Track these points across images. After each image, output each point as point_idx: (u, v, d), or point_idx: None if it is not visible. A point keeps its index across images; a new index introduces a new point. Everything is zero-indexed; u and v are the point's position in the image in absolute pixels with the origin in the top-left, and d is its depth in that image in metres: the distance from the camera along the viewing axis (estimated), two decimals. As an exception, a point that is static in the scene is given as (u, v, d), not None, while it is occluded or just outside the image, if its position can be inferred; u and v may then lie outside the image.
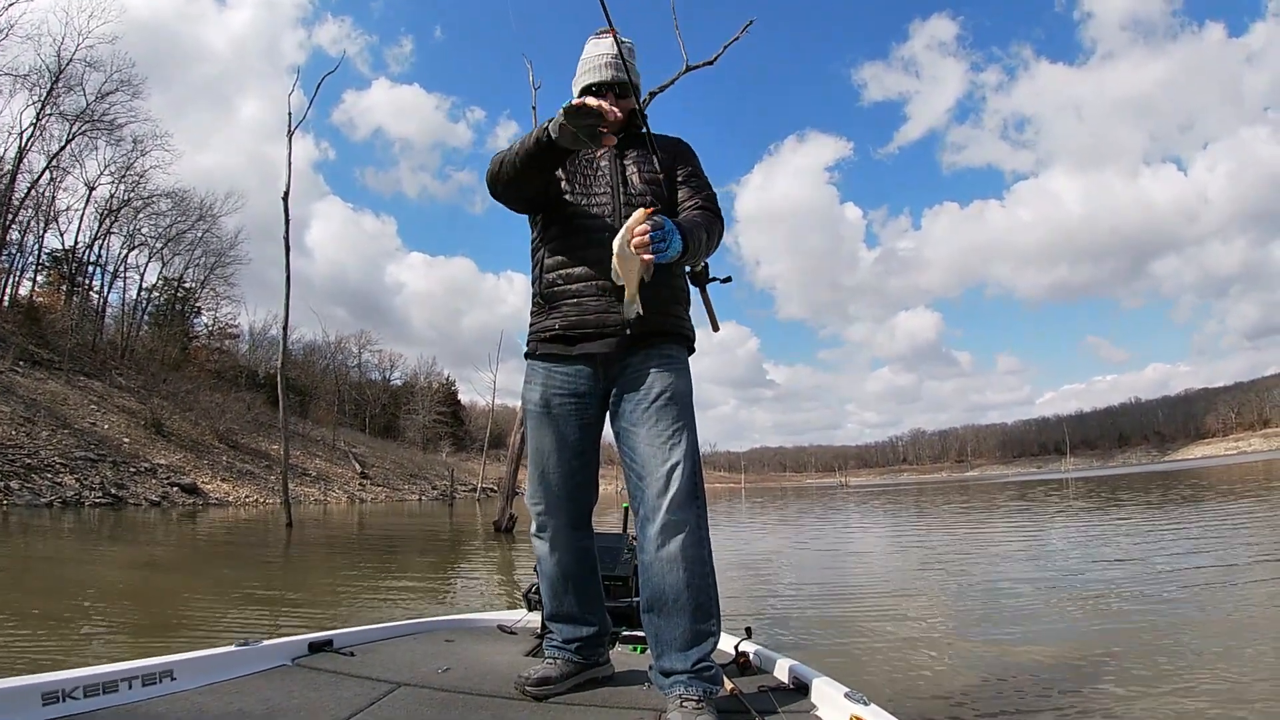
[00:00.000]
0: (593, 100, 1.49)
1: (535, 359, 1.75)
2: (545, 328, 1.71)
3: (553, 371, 1.71)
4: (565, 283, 1.69)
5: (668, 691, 1.52)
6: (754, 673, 1.84)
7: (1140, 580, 5.60)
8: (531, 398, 1.74)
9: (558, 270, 1.70)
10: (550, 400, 1.70)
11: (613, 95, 1.76)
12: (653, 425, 1.61)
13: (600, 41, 1.79)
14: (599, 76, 1.77)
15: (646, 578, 1.58)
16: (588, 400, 1.70)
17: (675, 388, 1.65)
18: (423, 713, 1.44)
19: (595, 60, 1.78)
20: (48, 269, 33.95)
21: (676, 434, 1.60)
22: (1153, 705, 2.72)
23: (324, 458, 36.80)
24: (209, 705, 1.41)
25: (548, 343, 1.71)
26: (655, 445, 1.59)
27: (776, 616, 4.94)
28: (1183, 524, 10.15)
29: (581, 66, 1.81)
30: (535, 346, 1.75)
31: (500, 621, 2.44)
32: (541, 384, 1.72)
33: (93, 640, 4.00)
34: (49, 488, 16.74)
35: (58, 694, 1.30)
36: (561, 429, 1.70)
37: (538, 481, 1.73)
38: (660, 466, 1.58)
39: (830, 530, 13.93)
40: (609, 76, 1.76)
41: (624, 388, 1.66)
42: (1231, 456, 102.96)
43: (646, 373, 1.65)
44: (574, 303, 1.67)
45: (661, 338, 1.69)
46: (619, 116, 1.65)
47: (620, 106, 1.76)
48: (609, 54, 1.76)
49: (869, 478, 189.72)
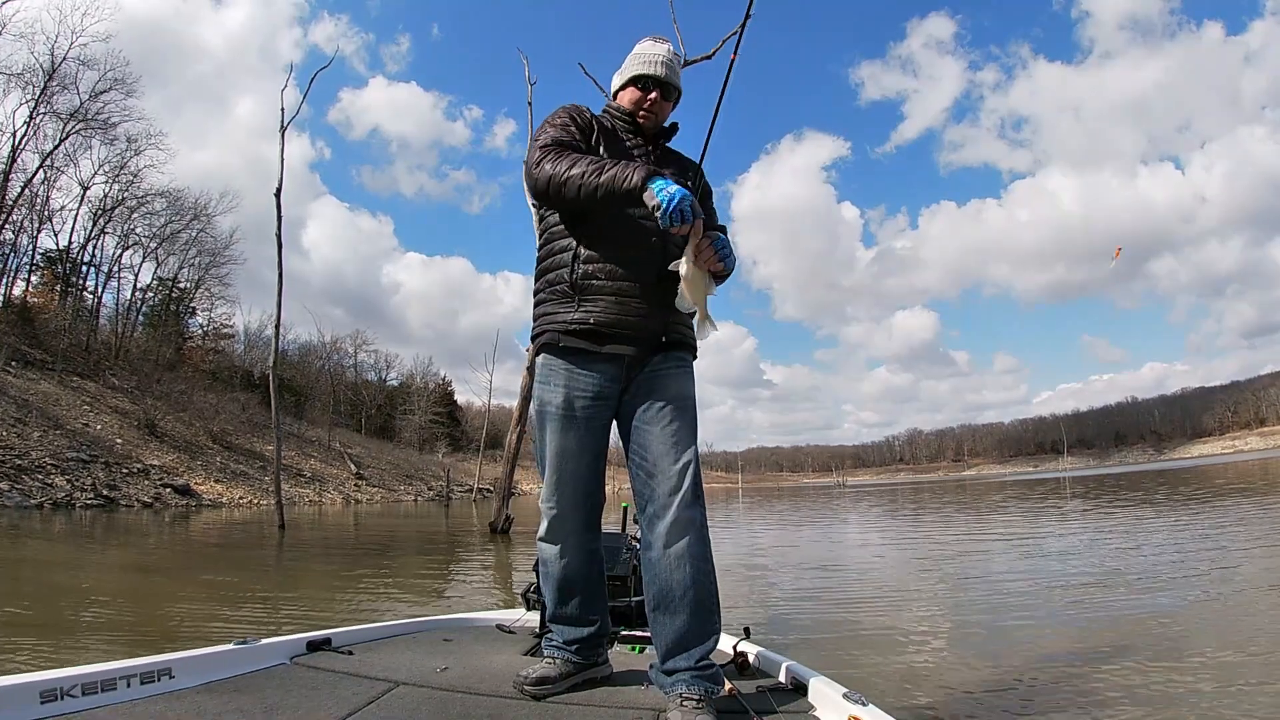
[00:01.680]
0: (698, 226, 1.54)
1: (556, 355, 1.69)
2: (576, 320, 1.65)
3: (576, 372, 1.67)
4: (606, 278, 1.65)
5: (668, 690, 1.53)
6: (753, 673, 1.84)
7: (1142, 581, 5.55)
8: (553, 399, 1.69)
9: (598, 264, 1.65)
10: (574, 402, 1.67)
11: (659, 94, 1.83)
12: (666, 424, 1.64)
13: (658, 44, 1.86)
14: (651, 70, 1.82)
15: (653, 575, 1.59)
16: (609, 403, 1.70)
17: (687, 391, 1.71)
18: (421, 712, 1.43)
19: (651, 56, 1.84)
20: (42, 269, 33.74)
21: (688, 436, 1.65)
22: (1152, 706, 2.70)
23: (319, 458, 36.57)
24: (207, 704, 1.40)
25: (575, 336, 1.66)
26: (668, 444, 1.62)
27: (775, 616, 4.88)
28: (1184, 523, 10.09)
29: (633, 59, 1.85)
30: (558, 338, 1.68)
31: (499, 621, 2.42)
32: (564, 385, 1.68)
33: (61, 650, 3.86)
34: (39, 489, 16.54)
35: (56, 692, 1.29)
36: (583, 432, 1.69)
37: (555, 485, 1.70)
38: (673, 465, 1.60)
39: (830, 530, 13.85)
40: (661, 74, 1.82)
41: (640, 387, 1.68)
42: (1228, 455, 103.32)
43: (664, 374, 1.69)
44: (614, 300, 1.64)
45: (680, 346, 1.75)
46: (690, 232, 1.59)
47: (661, 110, 1.85)
48: (664, 55, 1.84)
49: (866, 477, 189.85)
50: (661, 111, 1.85)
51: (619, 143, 1.79)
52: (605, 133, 1.78)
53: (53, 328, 29.08)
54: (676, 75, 1.85)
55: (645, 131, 1.85)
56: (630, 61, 1.86)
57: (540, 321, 1.73)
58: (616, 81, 1.89)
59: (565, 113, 1.77)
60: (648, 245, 1.65)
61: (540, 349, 1.72)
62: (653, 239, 1.65)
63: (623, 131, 1.84)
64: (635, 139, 1.84)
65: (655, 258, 1.64)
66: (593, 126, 1.77)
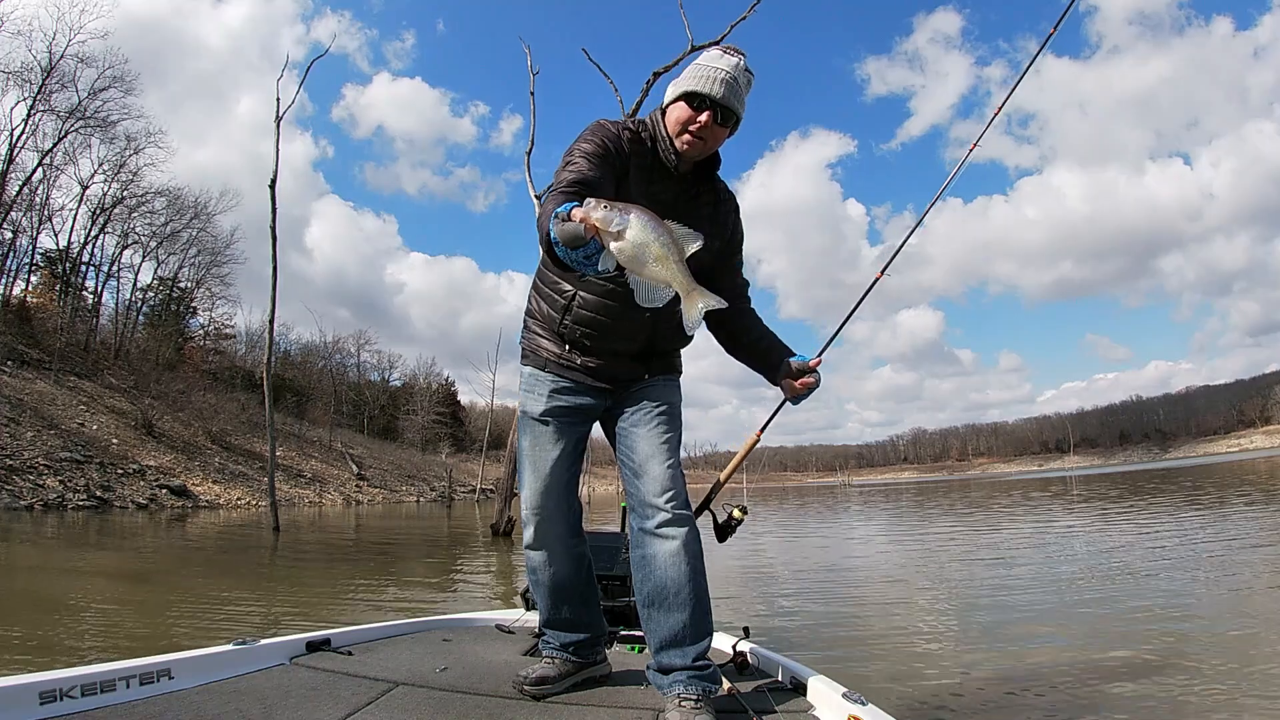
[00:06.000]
0: (578, 210, 1.18)
1: (541, 369, 1.71)
2: (565, 358, 1.69)
3: (561, 385, 1.69)
4: (597, 339, 1.65)
5: (666, 690, 1.53)
6: (752, 672, 1.84)
7: (1144, 579, 5.56)
8: (533, 409, 1.71)
9: (587, 325, 1.64)
10: (554, 412, 1.69)
11: (711, 116, 1.54)
12: (653, 427, 1.66)
13: (726, 56, 1.57)
14: (707, 88, 1.53)
15: (647, 572, 1.57)
16: (591, 417, 1.74)
17: (674, 401, 1.74)
18: (420, 712, 1.43)
19: (712, 71, 1.54)
20: (41, 269, 33.45)
21: (674, 439, 1.67)
22: (1158, 708, 2.66)
23: (320, 459, 36.22)
24: (207, 704, 1.40)
25: (564, 368, 1.69)
26: (656, 445, 1.63)
27: (775, 616, 4.88)
28: (1187, 523, 9.99)
29: (691, 70, 1.58)
30: (545, 363, 1.71)
31: (498, 621, 2.42)
32: (547, 398, 1.70)
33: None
34: (30, 490, 16.18)
35: (55, 693, 1.29)
36: (563, 439, 1.69)
37: (540, 493, 1.69)
38: (661, 465, 1.61)
39: (832, 529, 13.75)
40: (719, 93, 1.53)
41: (627, 399, 1.71)
42: (1234, 454, 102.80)
43: (652, 386, 1.72)
44: (600, 359, 1.68)
45: (667, 371, 1.77)
46: (595, 229, 1.20)
47: (712, 136, 1.58)
48: (728, 72, 1.54)
49: (870, 477, 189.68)
50: (712, 138, 1.58)
51: (647, 174, 1.59)
52: (638, 159, 1.58)
53: (50, 327, 28.77)
54: (739, 99, 1.56)
55: (685, 158, 1.60)
56: (689, 72, 1.58)
57: (529, 338, 1.76)
58: (670, 93, 1.62)
59: (593, 138, 1.55)
60: (640, 311, 1.45)
61: (528, 364, 1.74)
62: (646, 314, 1.48)
63: (663, 154, 1.60)
64: (670, 168, 1.61)
65: (646, 326, 1.64)
66: (624, 153, 1.56)
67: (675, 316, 1.38)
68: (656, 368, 1.74)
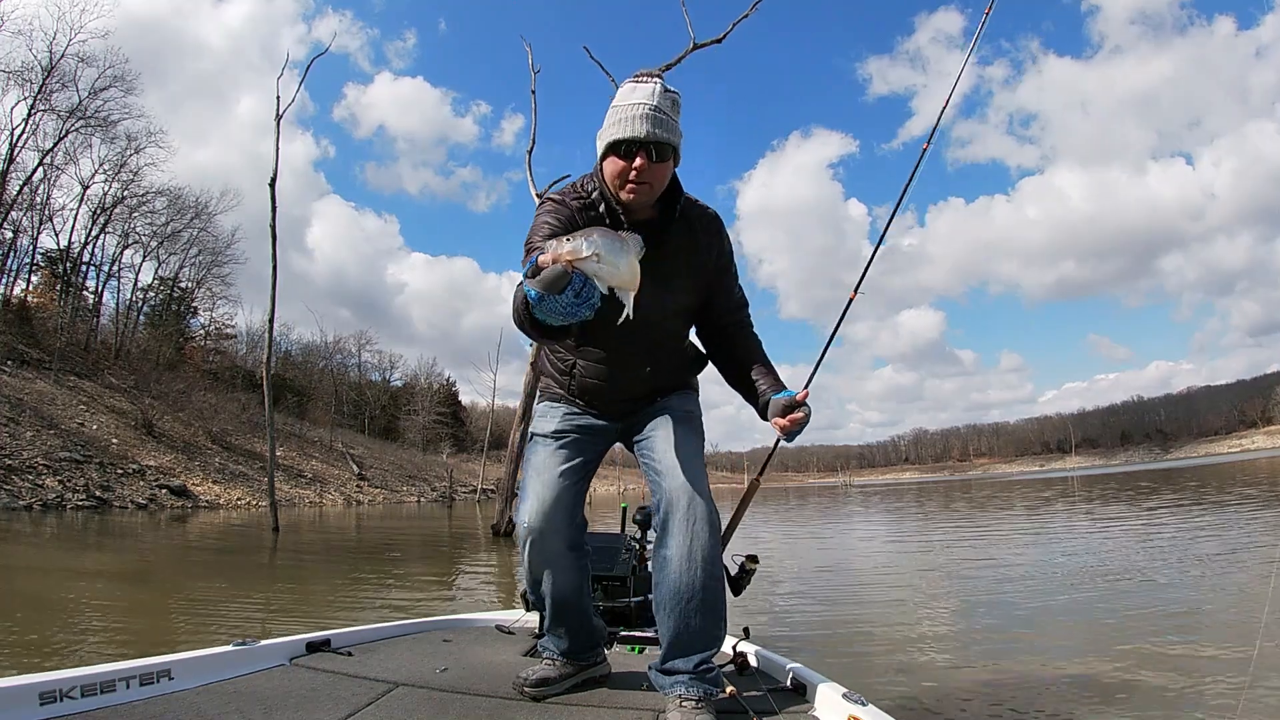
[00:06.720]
0: (544, 256, 1.17)
1: (557, 402, 1.78)
2: (572, 400, 1.76)
3: (575, 414, 1.75)
4: (603, 390, 1.71)
5: (667, 691, 1.53)
6: (752, 674, 1.85)
7: (1145, 580, 5.54)
8: (544, 429, 1.74)
9: (592, 379, 1.71)
10: (566, 429, 1.73)
11: (646, 157, 1.44)
12: (673, 428, 1.65)
13: (639, 87, 1.46)
14: (630, 131, 1.43)
15: (664, 574, 1.55)
16: (607, 438, 1.78)
17: (693, 408, 1.77)
18: (420, 713, 1.43)
19: (629, 110, 1.44)
20: (42, 269, 33.43)
21: (696, 441, 1.67)
22: (1158, 707, 2.66)
23: (321, 459, 36.18)
24: (206, 705, 1.40)
25: (579, 410, 1.76)
26: (680, 448, 1.62)
27: (776, 617, 4.87)
28: (1189, 523, 9.96)
29: (609, 117, 1.48)
30: (560, 399, 1.77)
31: (498, 622, 2.41)
32: (559, 420, 1.74)
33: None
34: (29, 490, 16.15)
35: (55, 693, 1.29)
36: (572, 455, 1.70)
37: (543, 505, 1.64)
38: (684, 465, 1.59)
39: (833, 529, 13.73)
40: (643, 132, 1.42)
41: (648, 413, 1.73)
42: (1235, 454, 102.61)
43: (669, 398, 1.75)
44: (611, 402, 1.74)
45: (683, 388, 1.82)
46: (569, 266, 1.18)
47: (655, 176, 1.48)
48: (646, 106, 1.43)
49: (871, 477, 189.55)
50: (654, 178, 1.47)
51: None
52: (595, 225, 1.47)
53: (50, 327, 28.76)
54: (667, 128, 1.44)
55: (636, 208, 1.52)
56: (608, 119, 1.47)
57: (545, 382, 1.82)
58: (598, 146, 1.51)
59: (549, 217, 1.51)
60: (633, 368, 1.67)
61: (540, 399, 1.83)
62: (640, 367, 1.67)
63: (617, 212, 1.53)
64: (626, 224, 1.52)
65: (647, 380, 1.70)
66: (579, 224, 1.49)
67: (673, 359, 1.55)
68: (669, 389, 1.77)
